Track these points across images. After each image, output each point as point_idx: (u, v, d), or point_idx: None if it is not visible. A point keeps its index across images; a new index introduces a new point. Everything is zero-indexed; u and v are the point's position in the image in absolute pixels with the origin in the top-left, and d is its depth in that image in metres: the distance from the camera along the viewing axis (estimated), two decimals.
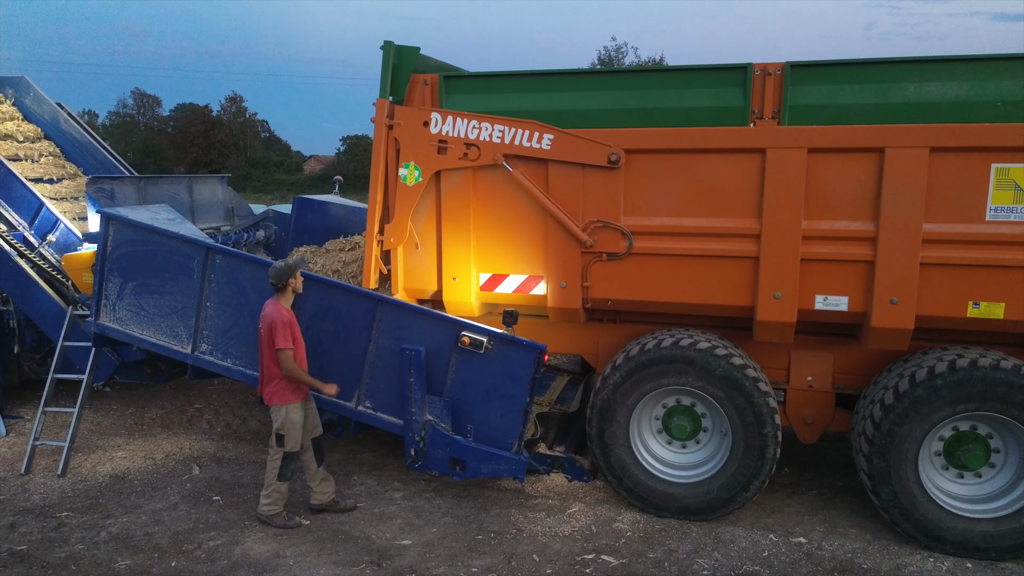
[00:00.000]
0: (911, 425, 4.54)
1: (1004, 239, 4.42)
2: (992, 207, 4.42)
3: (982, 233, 4.45)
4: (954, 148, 4.40)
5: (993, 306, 4.49)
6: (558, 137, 5.03)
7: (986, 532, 4.51)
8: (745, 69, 4.75)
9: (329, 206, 8.59)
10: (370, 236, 5.60)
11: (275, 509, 5.13)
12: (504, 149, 5.15)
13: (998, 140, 4.33)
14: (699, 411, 5.18)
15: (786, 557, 4.58)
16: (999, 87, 4.37)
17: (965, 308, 4.55)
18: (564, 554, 4.66)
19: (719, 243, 4.92)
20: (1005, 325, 4.58)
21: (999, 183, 4.39)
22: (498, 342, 5.02)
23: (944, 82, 4.46)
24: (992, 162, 4.38)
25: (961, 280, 4.52)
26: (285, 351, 4.91)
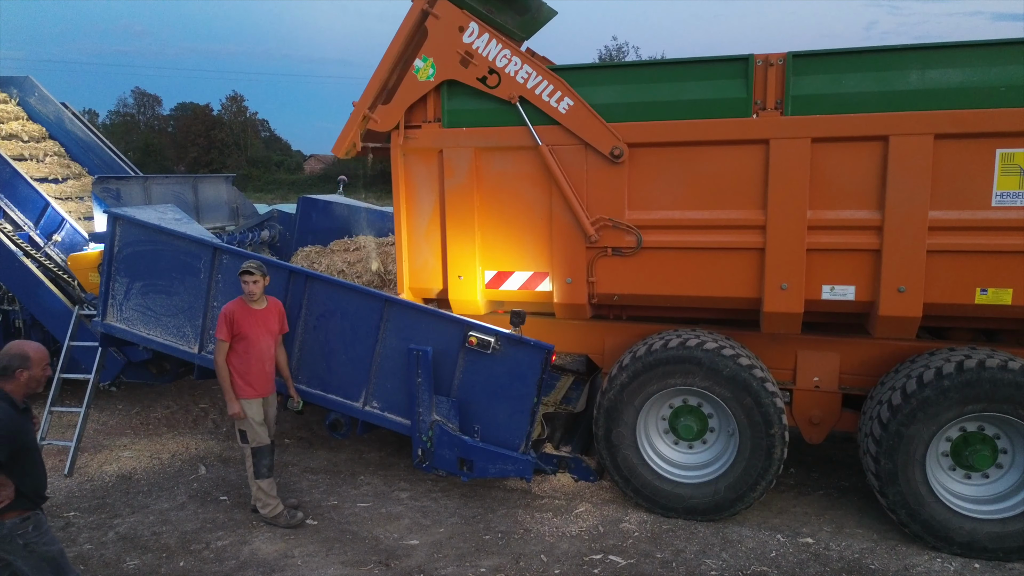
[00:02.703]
0: (919, 426, 4.54)
1: (1010, 224, 4.43)
2: (998, 193, 4.43)
3: (988, 219, 4.46)
4: (958, 134, 4.41)
5: (1001, 292, 4.50)
6: (577, 106, 5.01)
7: (993, 533, 4.51)
8: (747, 60, 4.76)
9: (334, 206, 8.59)
10: (360, 107, 5.45)
11: (272, 510, 5.09)
12: (523, 91, 5.11)
13: (1002, 125, 4.34)
14: (706, 411, 5.19)
15: (794, 557, 4.59)
16: (1002, 72, 4.37)
17: (973, 295, 4.55)
18: (572, 554, 4.67)
19: (724, 235, 4.93)
20: (1013, 311, 4.59)
21: (1004, 168, 4.40)
22: (505, 342, 5.02)
23: (946, 68, 4.46)
24: (997, 147, 4.39)
25: (968, 267, 4.53)
26: (217, 342, 5.01)
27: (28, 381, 3.48)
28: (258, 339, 5.05)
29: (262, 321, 5.09)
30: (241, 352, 5.02)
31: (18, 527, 3.41)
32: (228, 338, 4.98)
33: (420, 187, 5.55)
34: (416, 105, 5.45)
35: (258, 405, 5.10)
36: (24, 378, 3.46)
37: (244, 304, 5.06)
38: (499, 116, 5.27)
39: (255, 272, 5.04)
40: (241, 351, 5.02)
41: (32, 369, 3.47)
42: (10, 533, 3.39)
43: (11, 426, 3.34)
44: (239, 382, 5.03)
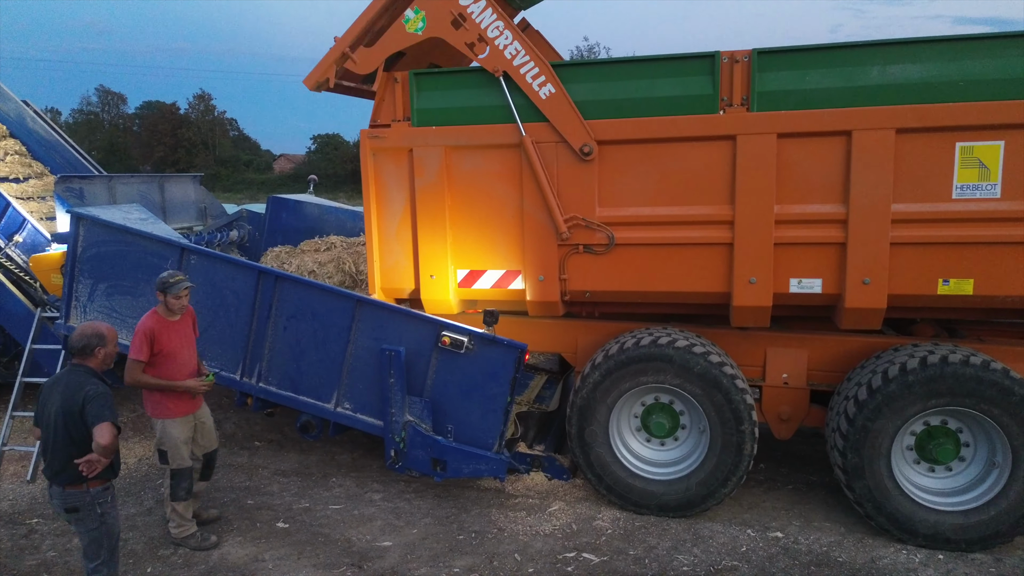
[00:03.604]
0: (884, 420, 4.63)
1: (970, 216, 4.54)
2: (958, 185, 4.54)
3: (949, 211, 4.56)
4: (919, 129, 4.51)
5: (962, 282, 4.61)
6: (558, 94, 5.01)
7: (956, 524, 4.62)
8: (713, 57, 4.81)
9: (304, 206, 8.52)
10: (341, 44, 5.29)
11: (184, 531, 4.81)
12: (508, 67, 5.07)
13: (961, 119, 4.45)
14: (677, 408, 5.23)
15: (764, 552, 4.65)
16: (961, 67, 4.47)
17: (935, 286, 4.66)
18: (545, 553, 4.68)
19: (694, 231, 4.98)
20: (974, 301, 4.70)
21: (964, 161, 4.51)
22: (479, 342, 5.02)
23: (907, 64, 4.55)
24: (957, 141, 4.49)
25: (930, 258, 4.63)
26: (130, 361, 4.57)
27: (105, 358, 3.81)
28: (181, 352, 4.71)
29: (182, 332, 4.76)
30: (165, 369, 4.61)
31: (100, 495, 3.72)
32: (147, 358, 4.56)
33: (390, 186, 5.52)
34: (384, 103, 5.42)
35: (183, 423, 4.75)
36: (102, 355, 3.78)
37: (162, 318, 4.66)
38: (470, 114, 5.27)
39: (189, 285, 4.74)
40: (164, 368, 4.61)
41: (107, 346, 3.80)
42: (93, 500, 3.69)
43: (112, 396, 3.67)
44: (164, 401, 4.67)
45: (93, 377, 3.71)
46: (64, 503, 3.67)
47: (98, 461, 3.53)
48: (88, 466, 3.52)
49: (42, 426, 3.71)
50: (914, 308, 5.00)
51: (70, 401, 3.58)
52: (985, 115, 4.40)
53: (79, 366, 3.74)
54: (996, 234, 4.50)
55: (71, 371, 3.73)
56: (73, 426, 3.59)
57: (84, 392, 3.58)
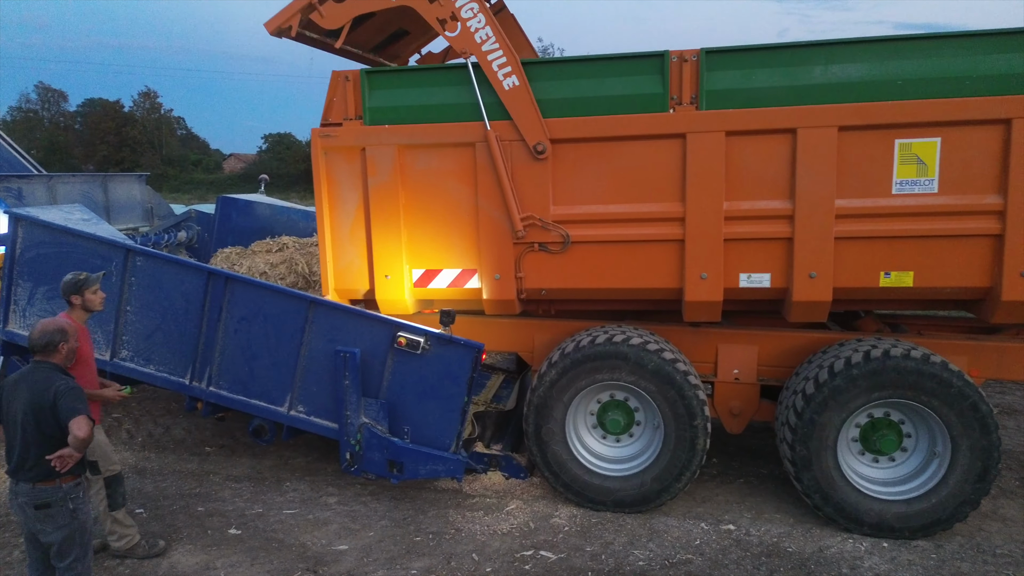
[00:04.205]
0: (830, 413, 4.77)
1: (909, 211, 4.70)
2: (897, 181, 4.70)
3: (889, 206, 4.72)
4: (860, 126, 4.65)
5: (903, 275, 4.78)
6: (521, 87, 4.99)
7: (900, 513, 4.78)
8: (663, 56, 4.89)
9: (255, 206, 8.37)
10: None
11: (130, 540, 4.65)
12: (476, 51, 5.03)
13: (900, 117, 4.60)
14: (632, 405, 5.30)
15: (717, 544, 4.74)
16: (898, 66, 4.63)
17: (878, 278, 4.81)
18: (503, 552, 4.68)
19: (646, 228, 5.06)
20: (914, 293, 4.88)
21: (903, 158, 4.66)
22: (435, 342, 5.00)
23: (848, 63, 4.69)
24: (896, 138, 4.65)
25: (873, 252, 4.78)
26: None
27: (68, 353, 3.77)
28: (91, 356, 4.52)
29: (89, 336, 4.59)
30: (80, 375, 4.22)
31: (72, 491, 3.69)
32: None
33: (343, 186, 5.46)
34: (335, 102, 5.36)
35: (100, 431, 4.58)
36: (65, 350, 3.74)
37: (76, 322, 4.31)
38: (423, 113, 5.25)
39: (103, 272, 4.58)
40: (80, 374, 4.22)
41: (70, 341, 3.77)
42: (65, 496, 3.65)
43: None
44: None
45: (60, 373, 3.69)
46: (34, 500, 3.61)
47: (71, 456, 3.50)
48: (61, 461, 3.49)
49: (5, 425, 3.65)
50: (858, 300, 5.16)
51: (40, 397, 3.54)
52: (922, 113, 4.57)
53: (42, 363, 3.69)
54: (933, 227, 4.68)
55: (35, 368, 3.68)
56: (44, 422, 3.56)
57: (55, 388, 3.56)
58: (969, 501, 4.68)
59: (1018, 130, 4.44)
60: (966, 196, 4.62)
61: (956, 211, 4.64)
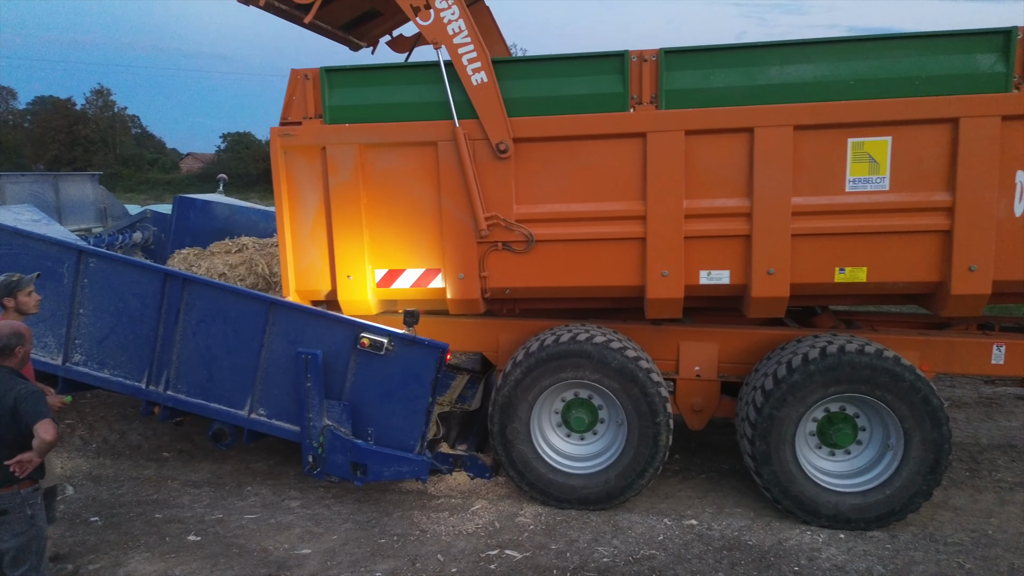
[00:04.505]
0: (788, 408, 4.87)
1: (862, 208, 4.82)
2: (850, 179, 4.82)
3: (843, 203, 4.83)
4: (815, 125, 4.76)
5: (857, 270, 4.90)
6: (490, 84, 4.98)
7: (855, 504, 4.90)
8: (623, 56, 4.93)
9: (213, 206, 8.22)
10: None
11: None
12: (447, 43, 4.98)
13: (852, 116, 4.72)
14: (596, 403, 5.34)
15: (679, 539, 4.80)
16: (850, 67, 4.75)
17: (833, 274, 4.93)
18: (468, 552, 4.68)
19: (609, 226, 5.10)
20: (868, 288, 5.00)
21: (855, 156, 4.79)
22: (399, 343, 4.96)
23: (802, 64, 4.79)
24: (848, 137, 4.76)
25: (828, 248, 4.90)
26: None
27: (24, 356, 3.73)
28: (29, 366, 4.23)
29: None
30: None
31: (31, 496, 3.64)
32: None
33: (303, 185, 5.39)
34: (295, 100, 5.29)
35: None
36: (21, 354, 3.70)
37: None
38: (384, 112, 5.21)
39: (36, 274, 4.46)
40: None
41: (26, 345, 3.73)
42: (24, 502, 3.61)
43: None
44: None
45: (18, 377, 3.63)
46: None
47: (30, 461, 3.45)
48: (20, 466, 3.44)
49: None
50: (815, 296, 5.28)
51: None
52: (873, 112, 4.69)
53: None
54: (885, 224, 4.81)
55: None
56: (4, 427, 3.54)
57: (15, 392, 3.53)
58: (922, 492, 4.82)
59: (965, 129, 4.59)
60: (916, 193, 4.76)
61: (907, 208, 4.77)
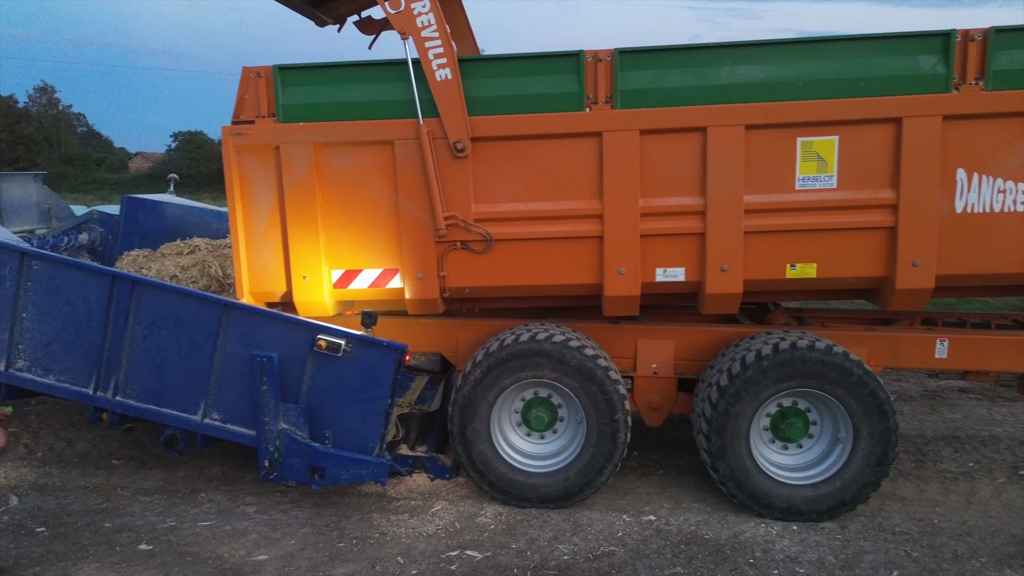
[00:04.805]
0: (743, 404, 4.97)
1: (811, 205, 4.94)
2: (800, 177, 4.93)
3: (793, 201, 4.95)
4: (765, 125, 4.86)
5: (807, 266, 5.03)
6: (453, 81, 4.94)
7: (808, 496, 5.02)
8: (578, 56, 4.97)
9: (164, 206, 8.03)
10: None
11: None
12: (415, 35, 4.93)
13: (801, 116, 4.83)
14: (555, 402, 5.37)
15: (638, 535, 4.86)
16: (798, 68, 4.86)
17: (784, 270, 5.05)
18: (429, 553, 4.66)
19: (566, 225, 5.14)
20: (818, 283, 5.13)
21: (804, 155, 4.90)
22: (357, 344, 4.92)
23: (753, 65, 4.89)
24: (797, 136, 4.87)
25: (779, 245, 5.01)
26: None
27: None
28: None
29: None
30: None
31: None
32: None
33: (256, 185, 5.30)
34: (247, 99, 5.20)
35: None
36: None
37: None
38: (339, 110, 5.15)
39: None
40: None
41: None
42: None
43: None
44: None
45: None
46: None
47: None
48: None
49: None
50: (767, 292, 5.39)
51: None
52: (820, 112, 4.82)
53: None
54: (833, 221, 4.94)
55: None
56: None
57: None
58: (870, 483, 4.96)
59: (908, 128, 4.75)
60: (862, 191, 4.90)
61: (854, 205, 4.91)
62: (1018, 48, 4.69)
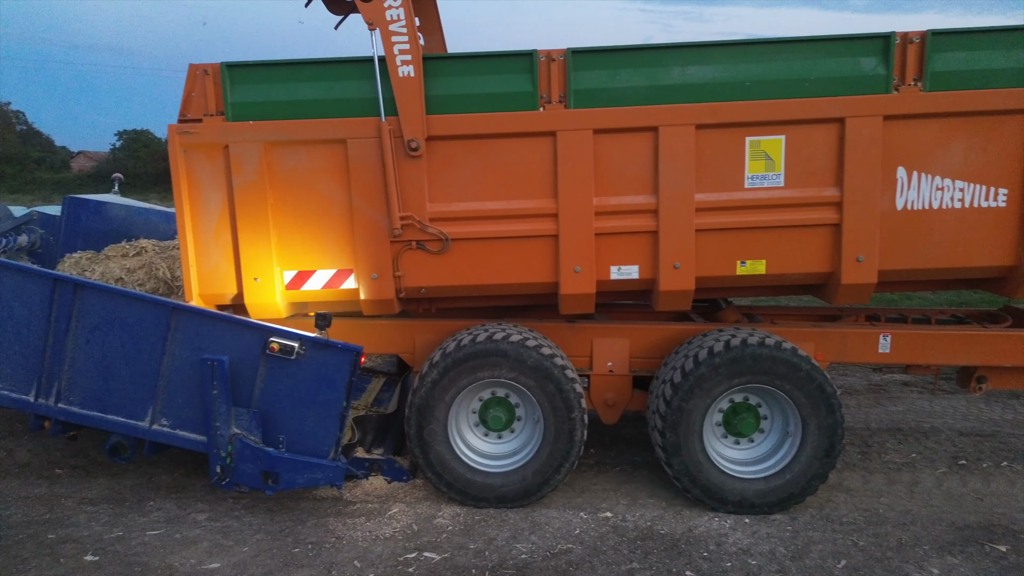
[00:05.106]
0: (696, 400, 5.05)
1: (760, 203, 5.06)
2: (749, 176, 5.04)
3: (743, 199, 5.06)
4: (715, 124, 4.96)
5: (756, 263, 5.15)
6: (416, 80, 4.91)
7: (759, 490, 5.14)
8: (531, 56, 4.99)
9: (108, 207, 7.79)
10: None
11: None
12: (382, 27, 4.86)
13: (749, 116, 4.94)
14: (513, 401, 5.38)
15: (595, 532, 4.90)
16: (746, 69, 4.97)
17: (735, 267, 5.15)
18: (386, 556, 4.62)
19: (522, 224, 5.16)
20: (767, 279, 5.26)
21: (753, 154, 5.02)
22: (310, 346, 4.84)
23: (703, 65, 4.98)
24: (746, 135, 4.98)
25: (729, 242, 5.11)
26: None
27: None
28: None
29: None
30: None
31: None
32: None
33: (205, 185, 5.18)
34: (194, 96, 5.09)
35: None
36: None
37: None
38: (291, 109, 5.08)
39: None
40: None
41: None
42: None
43: None
44: None
45: None
46: None
47: None
48: None
49: None
50: (718, 288, 5.50)
51: None
52: (768, 112, 4.93)
53: None
54: (781, 219, 5.06)
55: None
56: None
57: None
58: (818, 475, 5.10)
59: (851, 128, 4.89)
60: (808, 189, 5.03)
61: (800, 203, 5.04)
62: (954, 50, 4.88)
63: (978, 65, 4.88)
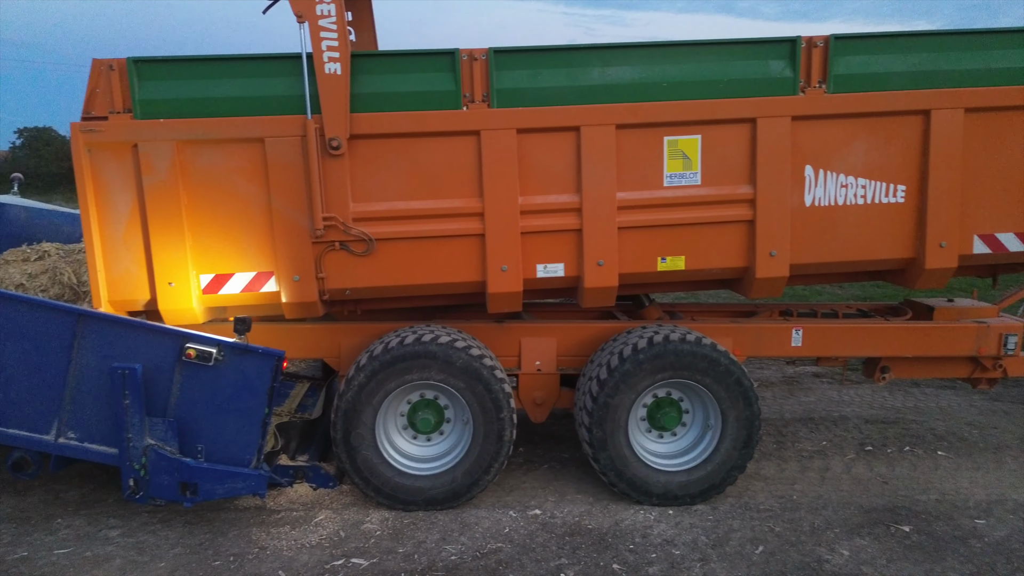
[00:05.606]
0: (621, 396, 5.16)
1: (679, 201, 5.19)
2: (668, 174, 5.17)
3: (662, 198, 5.18)
4: (635, 124, 5.06)
5: (676, 259, 5.28)
6: (343, 78, 4.79)
7: (682, 482, 5.28)
8: (453, 55, 4.98)
9: (7, 208, 7.33)
10: None
11: None
12: (311, 20, 4.70)
13: (667, 116, 5.07)
14: (442, 403, 5.35)
15: (524, 530, 4.94)
16: (663, 70, 5.09)
17: (656, 264, 5.28)
18: (312, 565, 4.52)
19: (448, 223, 5.14)
20: (687, 275, 5.42)
21: (671, 153, 5.15)
22: (229, 352, 4.68)
23: (622, 66, 5.08)
24: (664, 135, 5.11)
25: (650, 240, 5.23)
26: None
27: None
28: None
29: None
30: None
31: None
32: None
33: (112, 186, 4.93)
34: (99, 93, 4.84)
35: None
36: None
37: None
38: (204, 106, 4.89)
39: None
40: None
41: None
42: None
43: None
44: None
45: None
46: None
47: None
48: None
49: None
50: (641, 284, 5.62)
51: None
52: (684, 112, 5.07)
53: None
54: (699, 216, 5.22)
55: None
56: None
57: None
58: (738, 466, 5.28)
59: (761, 128, 5.09)
60: (723, 187, 5.20)
61: (716, 200, 5.21)
62: (855, 54, 5.15)
63: (878, 68, 5.16)
